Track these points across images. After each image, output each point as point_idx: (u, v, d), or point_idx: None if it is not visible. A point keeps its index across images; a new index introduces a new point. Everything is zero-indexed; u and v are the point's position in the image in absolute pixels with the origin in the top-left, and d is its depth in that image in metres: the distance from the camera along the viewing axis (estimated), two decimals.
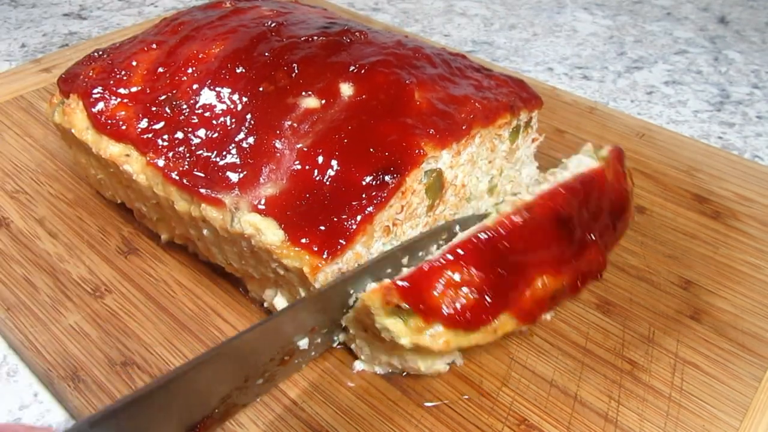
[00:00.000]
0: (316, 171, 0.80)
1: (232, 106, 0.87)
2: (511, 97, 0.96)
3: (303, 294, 0.80)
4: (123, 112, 0.91)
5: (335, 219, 0.76)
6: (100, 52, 1.03)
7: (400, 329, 0.74)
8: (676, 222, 1.10)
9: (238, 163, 0.81)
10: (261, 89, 0.88)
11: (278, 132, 0.83)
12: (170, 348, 0.87)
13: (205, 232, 0.85)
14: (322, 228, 0.76)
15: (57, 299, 0.93)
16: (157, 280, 0.97)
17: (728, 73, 1.67)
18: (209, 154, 0.83)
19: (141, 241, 1.04)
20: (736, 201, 1.14)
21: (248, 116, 0.85)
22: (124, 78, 0.95)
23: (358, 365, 0.83)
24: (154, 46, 1.00)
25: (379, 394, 0.83)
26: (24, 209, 1.09)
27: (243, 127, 0.84)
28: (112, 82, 0.95)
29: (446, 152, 0.85)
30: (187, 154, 0.84)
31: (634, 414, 0.81)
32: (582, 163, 0.97)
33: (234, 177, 0.80)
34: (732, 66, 1.70)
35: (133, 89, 0.93)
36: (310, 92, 0.87)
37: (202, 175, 0.81)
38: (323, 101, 0.86)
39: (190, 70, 0.93)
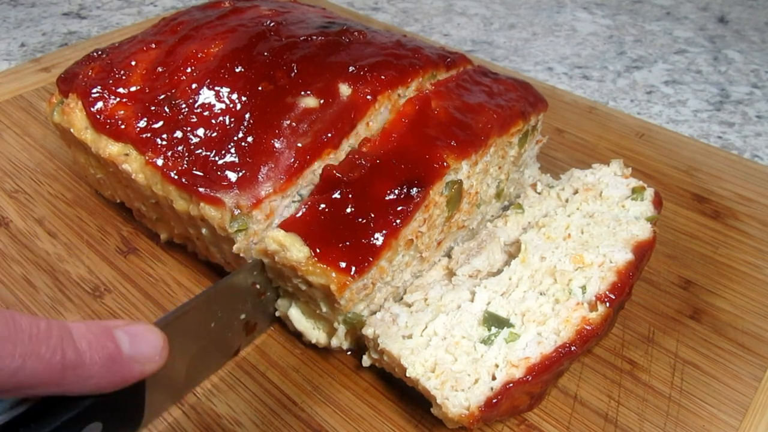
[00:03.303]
0: (339, 185, 0.78)
1: (231, 106, 0.87)
2: (521, 103, 0.96)
3: (325, 309, 0.79)
4: (122, 112, 0.90)
5: (361, 234, 0.75)
6: (100, 52, 1.03)
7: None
8: (676, 222, 1.10)
9: (237, 162, 0.81)
10: (260, 88, 0.87)
11: (277, 131, 0.83)
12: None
13: (203, 231, 0.85)
14: (348, 243, 0.74)
15: (56, 299, 0.93)
16: (157, 280, 0.97)
17: (728, 73, 1.67)
18: (208, 153, 0.83)
19: (140, 240, 1.04)
20: (736, 201, 1.14)
21: (247, 115, 0.85)
22: (123, 77, 0.95)
23: (366, 361, 0.82)
24: (154, 45, 1.00)
25: (378, 394, 0.83)
26: (23, 209, 1.09)
27: (242, 127, 0.84)
28: (111, 81, 0.95)
29: (465, 163, 0.85)
30: (186, 154, 0.84)
31: (634, 414, 0.80)
32: (609, 180, 0.98)
33: (233, 176, 0.80)
34: (732, 66, 1.70)
35: (132, 89, 0.93)
36: (308, 92, 0.87)
37: (201, 174, 0.81)
38: (322, 101, 0.86)
39: (189, 70, 0.93)
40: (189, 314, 0.72)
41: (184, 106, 0.88)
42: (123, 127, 0.89)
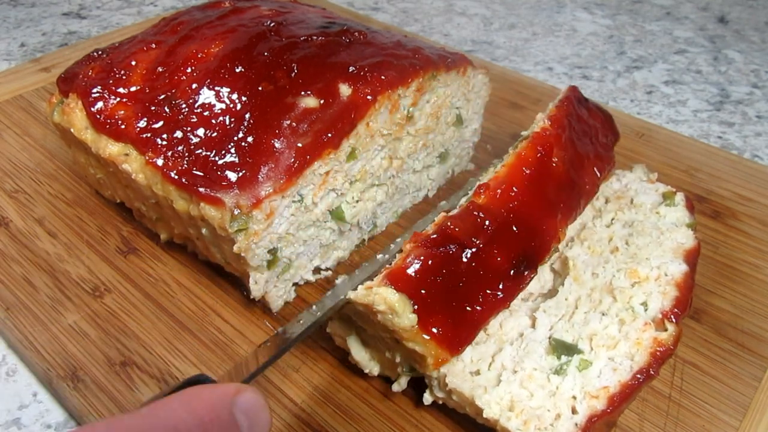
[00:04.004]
0: (456, 245, 0.73)
1: (231, 106, 0.87)
2: (611, 149, 0.89)
3: (398, 360, 0.77)
4: (122, 112, 0.90)
5: (468, 309, 0.71)
6: (100, 52, 1.03)
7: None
8: None
9: (237, 162, 0.81)
10: (260, 89, 0.87)
11: (277, 131, 0.83)
12: (169, 348, 0.87)
13: (203, 231, 0.85)
14: (454, 318, 0.71)
15: (56, 299, 0.93)
16: (157, 280, 0.97)
17: (728, 73, 1.67)
18: (208, 153, 0.83)
19: (140, 240, 1.03)
20: (736, 201, 1.14)
21: (247, 115, 0.85)
22: (124, 77, 0.95)
23: (427, 399, 0.78)
24: (154, 45, 1.00)
25: (378, 394, 0.83)
26: (23, 209, 1.09)
27: (242, 127, 0.84)
28: (111, 81, 0.95)
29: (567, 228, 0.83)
30: (186, 153, 0.84)
31: (634, 414, 0.80)
32: (636, 186, 0.96)
33: (233, 176, 0.80)
34: (731, 66, 1.70)
35: (133, 89, 0.93)
36: (309, 92, 0.87)
37: (201, 174, 0.81)
38: (322, 101, 0.86)
39: (189, 70, 0.93)
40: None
41: (184, 106, 0.88)
42: (123, 127, 0.89)
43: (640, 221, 0.92)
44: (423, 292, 0.69)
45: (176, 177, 0.82)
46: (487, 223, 0.73)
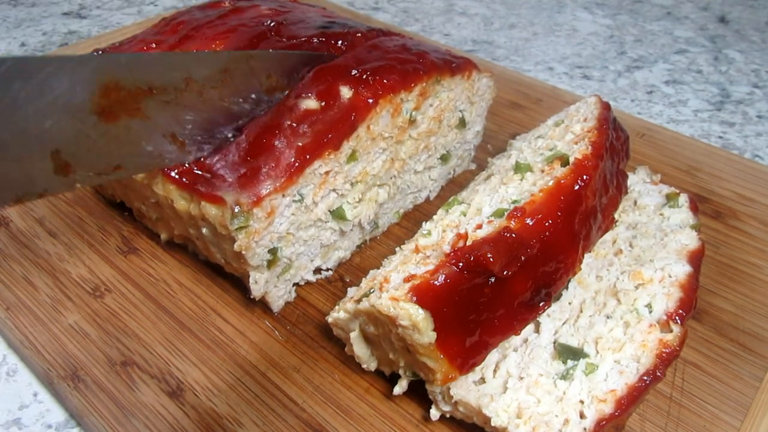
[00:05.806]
0: (488, 271, 0.71)
1: None
2: (626, 176, 0.90)
3: (402, 363, 0.76)
4: None
5: (483, 336, 0.71)
6: (100, 52, 1.03)
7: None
8: None
9: (238, 161, 0.81)
10: None
11: (277, 131, 0.83)
12: (170, 347, 0.87)
13: (204, 230, 0.85)
14: (469, 340, 0.70)
15: (57, 299, 0.93)
16: (157, 280, 0.97)
17: (728, 73, 1.67)
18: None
19: (141, 240, 1.03)
20: (737, 201, 1.14)
21: None
22: None
23: (434, 415, 0.77)
24: (154, 45, 1.00)
25: (379, 394, 0.83)
26: (23, 208, 1.09)
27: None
28: None
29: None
30: None
31: (636, 414, 0.80)
32: (639, 188, 0.95)
33: (233, 175, 0.80)
34: (732, 65, 1.70)
35: None
36: (310, 93, 0.87)
37: (202, 173, 0.81)
38: (323, 103, 0.86)
39: None
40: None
41: None
42: None
43: (644, 223, 0.92)
44: (445, 310, 0.69)
45: (176, 176, 0.82)
46: (519, 254, 0.71)
